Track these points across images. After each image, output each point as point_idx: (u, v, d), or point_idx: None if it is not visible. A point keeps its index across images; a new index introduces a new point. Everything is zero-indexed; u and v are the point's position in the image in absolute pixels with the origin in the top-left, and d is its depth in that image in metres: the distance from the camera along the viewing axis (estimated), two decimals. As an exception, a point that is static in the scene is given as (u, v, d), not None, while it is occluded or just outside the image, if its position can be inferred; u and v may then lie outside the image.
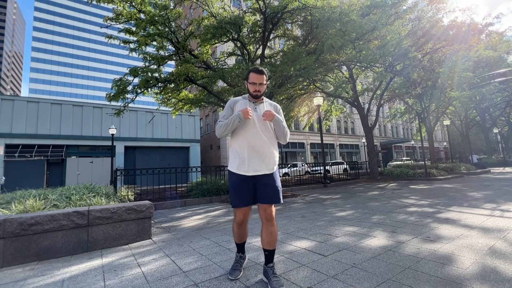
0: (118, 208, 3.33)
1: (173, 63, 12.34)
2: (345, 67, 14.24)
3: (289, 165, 20.57)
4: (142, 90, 8.72)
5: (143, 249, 3.08)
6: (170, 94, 10.17)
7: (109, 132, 15.36)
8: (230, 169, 2.06)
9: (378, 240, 2.94)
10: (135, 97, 9.17)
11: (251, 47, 10.19)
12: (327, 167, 16.92)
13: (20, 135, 15.56)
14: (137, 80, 8.54)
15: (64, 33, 74.48)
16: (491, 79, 14.37)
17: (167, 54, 9.12)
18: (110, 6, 8.12)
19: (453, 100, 17.44)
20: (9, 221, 2.70)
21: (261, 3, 8.47)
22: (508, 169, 19.07)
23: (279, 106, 2.21)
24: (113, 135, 15.08)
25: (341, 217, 4.44)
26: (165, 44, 8.71)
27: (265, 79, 2.04)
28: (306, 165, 21.26)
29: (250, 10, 9.49)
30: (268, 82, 2.43)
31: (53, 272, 2.44)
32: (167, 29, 8.22)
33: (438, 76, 12.49)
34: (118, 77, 8.62)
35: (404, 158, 33.89)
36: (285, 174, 19.43)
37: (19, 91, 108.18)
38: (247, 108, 1.95)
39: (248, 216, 2.06)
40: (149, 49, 8.91)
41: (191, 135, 21.58)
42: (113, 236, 3.27)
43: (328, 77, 13.66)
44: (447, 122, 18.96)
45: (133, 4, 7.96)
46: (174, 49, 9.02)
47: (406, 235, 3.08)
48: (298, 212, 5.18)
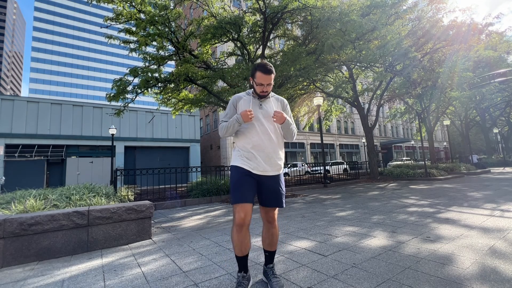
0: (118, 208, 3.33)
1: (173, 63, 12.34)
2: (345, 67, 14.24)
3: (289, 165, 20.57)
4: (142, 90, 8.72)
5: (143, 249, 3.07)
6: (170, 94, 10.17)
7: (109, 132, 15.36)
8: (234, 164, 1.90)
9: (378, 240, 2.94)
10: (135, 97, 9.18)
11: (251, 47, 10.20)
12: (327, 167, 16.93)
13: (20, 135, 15.56)
14: (137, 80, 8.55)
15: (64, 33, 74.49)
16: (491, 79, 14.37)
17: (167, 54, 9.13)
18: (110, 6, 8.12)
19: (453, 100, 17.45)
20: (9, 221, 2.70)
21: (261, 3, 8.47)
22: (508, 169, 19.07)
23: (286, 101, 2.04)
24: (113, 135, 15.08)
25: (341, 217, 4.44)
26: (165, 44, 8.71)
27: (272, 78, 1.85)
28: (306, 165, 21.26)
29: (250, 10, 9.49)
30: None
31: (53, 272, 2.44)
32: (167, 29, 8.22)
33: (438, 76, 12.49)
34: (118, 77, 8.62)
35: (404, 158, 33.89)
36: (285, 174, 19.43)
37: (19, 91, 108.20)
38: (246, 111, 1.78)
39: (250, 217, 1.80)
40: (149, 49, 8.91)
41: (191, 135, 21.58)
42: (113, 236, 3.27)
43: (328, 77, 13.66)
44: (447, 122, 18.96)
45: (133, 4, 7.96)
46: (174, 49, 9.02)
47: (406, 235, 3.08)
48: (298, 212, 5.18)
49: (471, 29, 13.46)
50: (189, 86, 10.80)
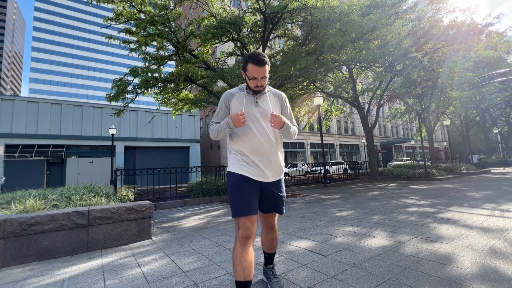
0: (118, 208, 3.33)
1: (173, 63, 12.35)
2: (345, 67, 14.24)
3: (289, 165, 20.57)
4: (142, 90, 8.72)
5: (143, 249, 3.07)
6: (170, 94, 10.17)
7: (109, 132, 15.36)
8: (230, 170, 1.70)
9: (378, 240, 2.94)
10: (135, 97, 9.18)
11: (251, 47, 10.20)
12: (327, 167, 16.93)
13: (20, 135, 15.56)
14: (137, 80, 8.55)
15: (64, 33, 74.50)
16: (491, 79, 14.37)
17: (167, 54, 9.13)
18: (110, 6, 8.12)
19: (453, 100, 17.44)
20: (9, 221, 2.70)
21: (261, 3, 8.47)
22: (508, 169, 19.07)
23: (284, 96, 1.83)
24: (113, 135, 15.08)
25: (341, 217, 4.44)
26: (165, 44, 8.71)
27: (267, 70, 1.61)
28: (306, 165, 21.26)
29: (250, 10, 9.49)
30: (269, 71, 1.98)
31: (53, 272, 2.44)
32: (167, 29, 8.22)
33: (438, 76, 12.49)
34: (118, 77, 8.63)
35: (404, 158, 33.89)
36: (285, 174, 19.44)
37: (19, 91, 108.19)
38: (238, 114, 1.55)
39: (255, 229, 1.59)
40: (149, 49, 8.91)
41: (191, 135, 21.58)
42: (113, 236, 3.27)
43: (328, 77, 13.66)
44: (447, 122, 18.96)
45: (133, 4, 7.96)
46: (174, 49, 9.02)
47: (406, 235, 3.08)
48: (298, 212, 5.18)
49: (471, 29, 13.47)
50: (189, 86, 10.79)
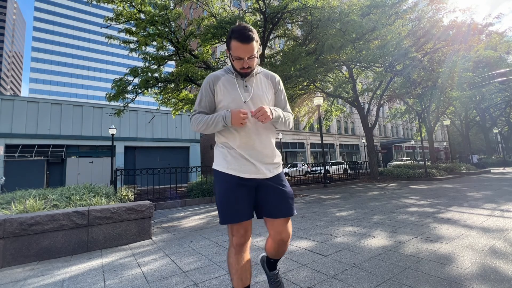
0: (118, 208, 3.33)
1: (173, 63, 12.36)
2: (345, 67, 14.24)
3: (289, 165, 20.58)
4: (142, 90, 8.73)
5: (143, 249, 3.07)
6: (170, 94, 10.18)
7: (109, 132, 15.37)
8: (216, 168, 1.43)
9: (378, 240, 2.94)
10: (135, 97, 9.19)
11: (251, 47, 10.19)
12: (327, 167, 16.93)
13: (20, 135, 15.56)
14: (137, 80, 8.56)
15: (64, 33, 74.52)
16: (491, 79, 14.37)
17: (167, 54, 9.13)
18: (110, 6, 8.13)
19: (453, 100, 17.45)
20: (9, 221, 2.70)
21: (261, 3, 8.47)
22: (508, 169, 19.07)
23: (278, 78, 1.57)
24: (113, 135, 15.09)
25: (341, 217, 4.44)
26: (165, 44, 8.72)
27: (255, 48, 1.32)
28: (306, 165, 21.27)
29: (250, 10, 9.49)
30: (260, 49, 2.30)
31: (53, 272, 2.44)
32: (167, 29, 8.22)
33: (438, 76, 12.49)
34: (118, 77, 8.64)
35: (404, 158, 33.90)
36: (285, 174, 19.43)
37: (19, 91, 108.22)
38: (240, 112, 1.31)
39: (250, 233, 1.43)
40: (149, 49, 8.91)
41: (191, 135, 21.59)
42: (113, 236, 3.27)
43: (328, 77, 13.66)
44: (447, 122, 18.96)
45: (133, 4, 7.97)
46: (174, 49, 9.03)
47: (406, 235, 3.08)
48: (298, 212, 5.17)
49: (471, 29, 13.47)
50: (189, 86, 10.80)
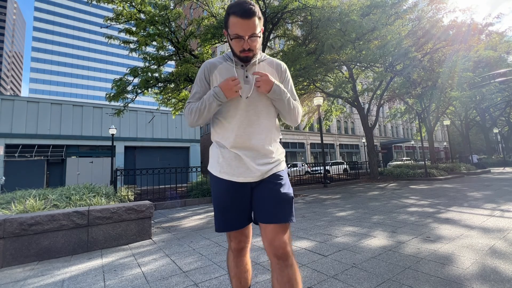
0: (118, 208, 3.33)
1: (173, 63, 12.36)
2: (345, 67, 14.25)
3: (289, 165, 20.58)
4: (142, 90, 8.74)
5: (143, 249, 3.07)
6: (170, 94, 10.19)
7: (109, 132, 15.36)
8: (210, 170, 1.31)
9: (378, 240, 2.94)
10: (135, 97, 9.19)
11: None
12: (327, 167, 16.93)
13: (20, 135, 15.56)
14: (137, 80, 8.56)
15: (64, 33, 74.51)
16: (491, 79, 14.38)
17: (167, 54, 9.14)
18: (110, 6, 8.13)
19: (453, 100, 17.45)
20: (9, 221, 2.70)
21: (261, 3, 8.47)
22: (508, 169, 19.07)
23: (284, 66, 1.34)
24: (113, 135, 15.08)
25: (341, 217, 4.44)
26: (165, 44, 8.73)
27: (257, 25, 1.12)
28: (306, 165, 21.27)
29: (250, 10, 9.48)
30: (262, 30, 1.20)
31: (53, 272, 2.44)
32: (167, 29, 8.23)
33: (438, 76, 12.50)
34: (118, 77, 8.64)
35: (404, 158, 33.89)
36: (285, 174, 19.39)
37: (19, 91, 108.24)
38: (229, 80, 1.14)
39: (250, 236, 1.33)
40: (149, 49, 8.91)
41: (191, 135, 21.59)
42: (113, 236, 3.27)
43: (328, 77, 13.66)
44: (447, 122, 18.96)
45: (133, 4, 7.97)
46: (174, 49, 9.03)
47: (406, 235, 3.08)
48: (298, 212, 5.17)
49: (471, 29, 13.48)
50: (189, 86, 10.81)
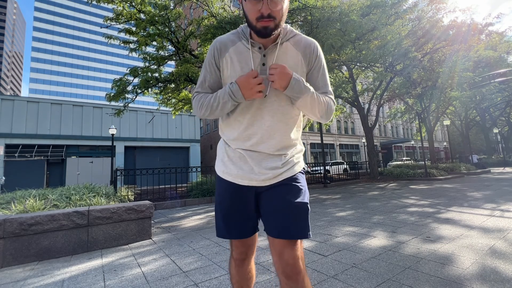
0: (118, 208, 3.33)
1: (173, 63, 12.37)
2: (345, 67, 14.24)
3: (289, 165, 20.54)
4: (142, 90, 8.74)
5: (143, 249, 3.07)
6: (170, 94, 10.19)
7: (109, 132, 15.35)
8: (216, 169, 1.15)
9: (378, 240, 2.94)
10: (135, 97, 9.19)
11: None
12: (327, 167, 16.93)
13: (20, 135, 15.56)
14: (137, 80, 8.56)
15: (64, 33, 74.51)
16: (491, 79, 14.38)
17: (167, 54, 9.14)
18: (110, 6, 8.13)
19: (453, 100, 17.45)
20: (9, 221, 2.70)
21: (261, 3, 8.47)
22: (508, 169, 19.07)
23: (314, 47, 1.02)
24: (113, 135, 15.06)
25: (341, 217, 4.44)
26: (165, 44, 8.73)
27: None
28: (306, 165, 21.27)
29: (250, 10, 9.48)
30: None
31: (53, 272, 2.44)
32: (167, 29, 8.23)
33: (438, 76, 12.50)
34: (118, 77, 8.64)
35: (404, 158, 33.89)
36: (285, 174, 19.38)
37: (19, 91, 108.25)
38: (249, 77, 0.90)
39: (255, 246, 1.21)
40: (149, 49, 8.91)
41: (191, 135, 21.58)
42: (113, 236, 3.27)
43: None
44: (447, 122, 18.95)
45: (133, 4, 7.97)
46: (174, 49, 9.04)
47: (406, 235, 3.08)
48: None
49: (471, 29, 13.48)
50: (189, 86, 10.81)
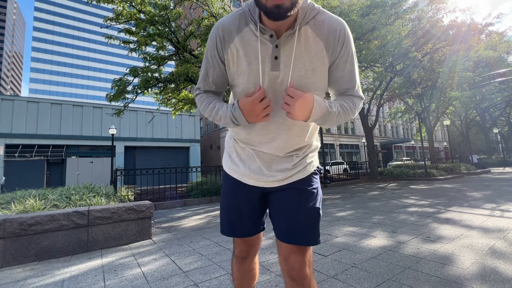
0: (118, 208, 3.33)
1: (173, 63, 12.38)
2: (345, 67, 14.21)
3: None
4: (142, 90, 8.74)
5: (143, 249, 3.08)
6: (170, 94, 10.18)
7: (109, 132, 15.35)
8: (223, 164, 1.12)
9: (378, 240, 2.94)
10: (135, 97, 9.19)
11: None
12: (327, 167, 16.93)
13: (20, 135, 15.56)
14: (137, 80, 8.56)
15: (64, 33, 74.50)
16: (491, 79, 14.38)
17: (167, 54, 9.14)
18: (110, 6, 8.13)
19: (453, 100, 17.45)
20: (9, 221, 2.70)
21: (261, 3, 8.47)
22: (508, 169, 19.06)
23: (341, 31, 0.83)
24: (113, 135, 15.06)
25: (341, 217, 4.44)
26: (165, 44, 8.73)
27: None
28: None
29: (250, 10, 9.49)
30: None
31: (53, 272, 2.44)
32: (167, 29, 8.23)
33: (438, 76, 12.50)
34: (118, 77, 8.64)
35: (404, 158, 33.88)
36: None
37: (19, 91, 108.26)
38: (255, 101, 0.79)
39: (258, 246, 1.16)
40: (149, 49, 8.91)
41: (191, 135, 21.59)
42: (113, 236, 3.27)
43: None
44: (447, 122, 18.94)
45: (133, 4, 7.97)
46: (174, 49, 9.03)
47: (406, 235, 3.08)
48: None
49: (471, 29, 13.48)
50: (189, 86, 10.81)
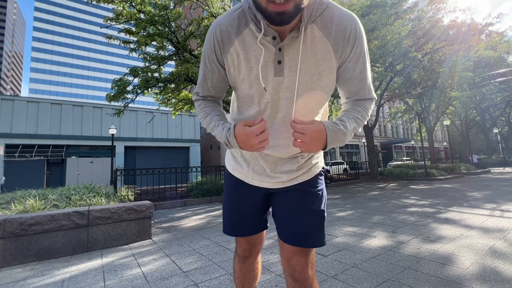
0: (118, 208, 3.33)
1: (173, 63, 12.38)
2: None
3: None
4: (142, 90, 8.74)
5: (143, 249, 3.08)
6: (170, 94, 10.18)
7: (109, 132, 15.35)
8: (226, 163, 1.12)
9: (378, 240, 2.94)
10: (135, 97, 9.19)
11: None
12: (327, 167, 16.92)
13: (20, 135, 15.56)
14: (137, 80, 8.56)
15: (64, 33, 74.50)
16: (491, 79, 14.37)
17: (167, 54, 9.14)
18: (110, 6, 8.13)
19: (453, 100, 17.44)
20: (9, 221, 2.70)
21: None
22: (508, 169, 19.06)
23: (353, 30, 0.75)
24: (113, 135, 15.06)
25: (341, 217, 4.44)
26: (165, 44, 8.72)
27: None
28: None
29: (250, 10, 9.48)
30: None
31: (53, 272, 2.44)
32: (167, 29, 8.22)
33: (438, 76, 12.50)
34: (118, 77, 8.64)
35: (404, 158, 33.88)
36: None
37: (19, 91, 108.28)
38: (252, 134, 0.73)
39: (260, 245, 1.16)
40: (149, 49, 8.91)
41: (191, 135, 21.59)
42: (113, 236, 3.27)
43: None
44: (447, 122, 18.94)
45: (133, 4, 7.97)
46: (174, 49, 9.03)
47: (406, 235, 3.08)
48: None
49: (471, 29, 13.48)
50: (189, 86, 10.80)
